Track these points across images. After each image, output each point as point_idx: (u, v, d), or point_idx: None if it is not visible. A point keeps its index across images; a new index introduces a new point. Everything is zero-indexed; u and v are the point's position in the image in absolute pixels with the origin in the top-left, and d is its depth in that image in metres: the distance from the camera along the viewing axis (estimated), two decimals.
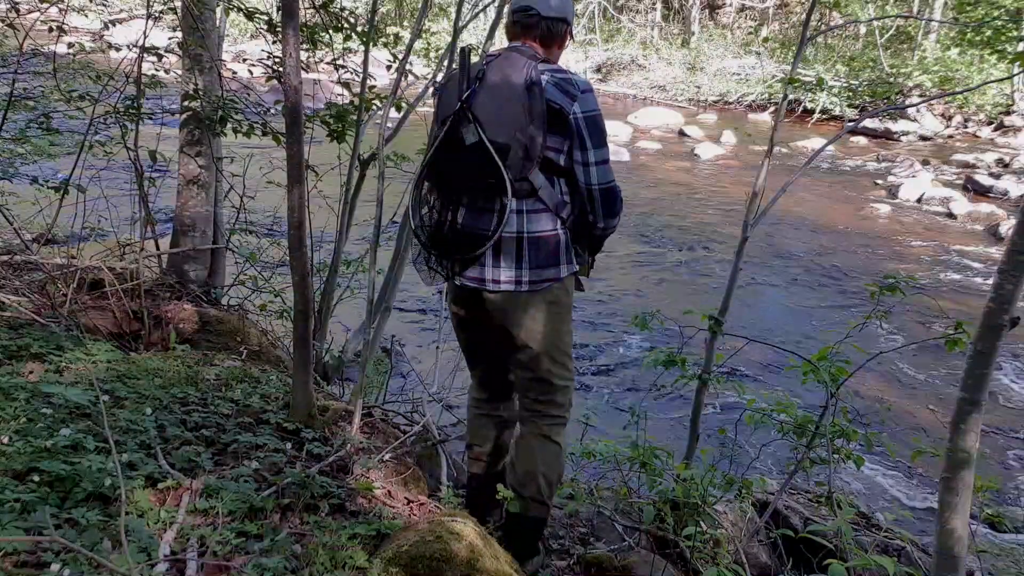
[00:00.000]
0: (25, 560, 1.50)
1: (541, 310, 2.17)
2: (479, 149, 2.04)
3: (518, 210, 2.10)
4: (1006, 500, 4.32)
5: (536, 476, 2.26)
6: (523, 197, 2.09)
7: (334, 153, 3.90)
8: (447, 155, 2.13)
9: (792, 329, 6.62)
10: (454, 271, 2.21)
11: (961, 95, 15.68)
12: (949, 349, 2.60)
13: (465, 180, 2.12)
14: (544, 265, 2.14)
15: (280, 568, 1.61)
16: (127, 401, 2.31)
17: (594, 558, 2.50)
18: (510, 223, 2.10)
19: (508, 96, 2.04)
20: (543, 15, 2.14)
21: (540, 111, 2.02)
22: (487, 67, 2.11)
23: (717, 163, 13.26)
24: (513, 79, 2.04)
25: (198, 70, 3.65)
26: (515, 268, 2.13)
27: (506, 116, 2.04)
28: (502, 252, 2.12)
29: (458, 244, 2.15)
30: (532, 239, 2.12)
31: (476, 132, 2.05)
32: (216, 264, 4.00)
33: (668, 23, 24.17)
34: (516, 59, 2.09)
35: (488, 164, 2.03)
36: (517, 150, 2.03)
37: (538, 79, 2.03)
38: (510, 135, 2.03)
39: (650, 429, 2.99)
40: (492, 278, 2.14)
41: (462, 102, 2.07)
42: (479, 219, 2.11)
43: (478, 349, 2.43)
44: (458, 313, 2.35)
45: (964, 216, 10.34)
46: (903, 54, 18.38)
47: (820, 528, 2.18)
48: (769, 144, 3.20)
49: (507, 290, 2.14)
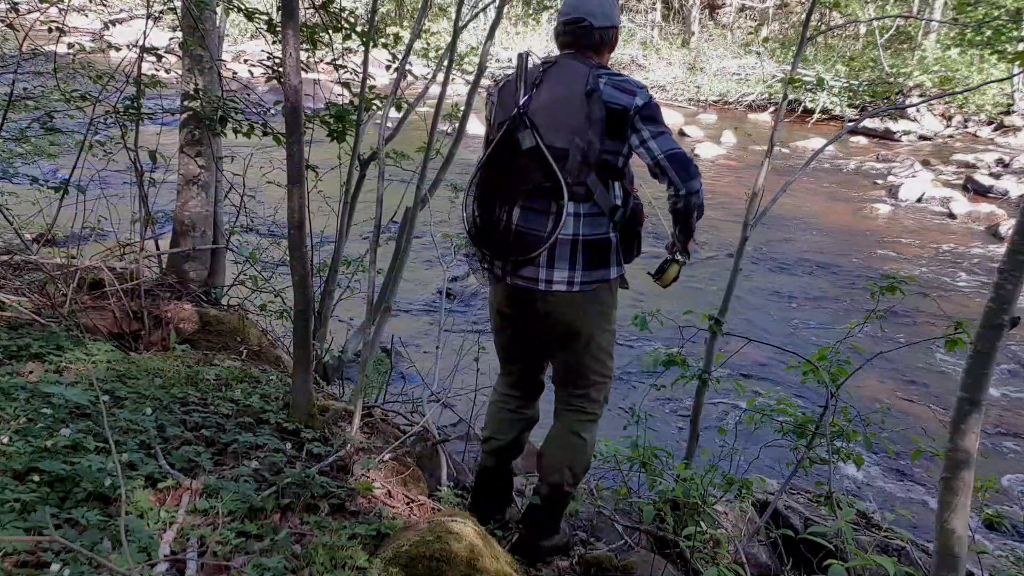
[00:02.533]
0: (25, 560, 1.50)
1: (588, 310, 2.25)
2: (536, 153, 2.11)
3: (575, 213, 2.16)
4: (1006, 500, 4.32)
5: (562, 468, 2.37)
6: (580, 200, 2.15)
7: (334, 153, 3.90)
8: (503, 158, 2.20)
9: (792, 329, 6.62)
10: (507, 271, 2.26)
11: (961, 95, 15.66)
12: (949, 349, 2.60)
13: (521, 183, 2.17)
14: (596, 267, 2.21)
15: (280, 568, 1.61)
16: (127, 401, 2.31)
17: (594, 558, 2.50)
18: (567, 226, 2.15)
19: (567, 102, 2.10)
20: (595, 26, 2.20)
21: (599, 117, 2.08)
22: (544, 74, 2.17)
23: (717, 163, 13.26)
24: (573, 86, 2.11)
25: (198, 70, 3.64)
26: (568, 269, 2.19)
27: (565, 122, 2.10)
28: (556, 254, 2.18)
29: (513, 245, 2.20)
30: (587, 242, 2.18)
31: (533, 137, 2.12)
32: (216, 264, 4.00)
33: (668, 23, 24.16)
34: (575, 67, 2.15)
35: (545, 168, 2.09)
36: (576, 155, 2.10)
37: (596, 85, 2.09)
38: (568, 140, 2.10)
39: (650, 429, 2.99)
40: (545, 278, 2.20)
41: (519, 107, 2.14)
42: (535, 221, 2.16)
43: (518, 349, 2.47)
44: (504, 312, 2.40)
45: (964, 216, 10.34)
46: (903, 54, 18.37)
47: (820, 529, 2.18)
48: (769, 144, 3.20)
49: (559, 290, 2.20)
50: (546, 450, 2.44)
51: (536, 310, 2.28)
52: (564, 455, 2.39)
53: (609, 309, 2.32)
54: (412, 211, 3.13)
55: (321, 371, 3.64)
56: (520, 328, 2.41)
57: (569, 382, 2.40)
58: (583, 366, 2.34)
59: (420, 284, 6.65)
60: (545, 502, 2.43)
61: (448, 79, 3.34)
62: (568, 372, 2.39)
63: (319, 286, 3.82)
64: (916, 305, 6.93)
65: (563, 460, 2.38)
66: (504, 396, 2.55)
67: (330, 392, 3.50)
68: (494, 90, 2.30)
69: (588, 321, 2.27)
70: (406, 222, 3.16)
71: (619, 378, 5.40)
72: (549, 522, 2.47)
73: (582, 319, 2.26)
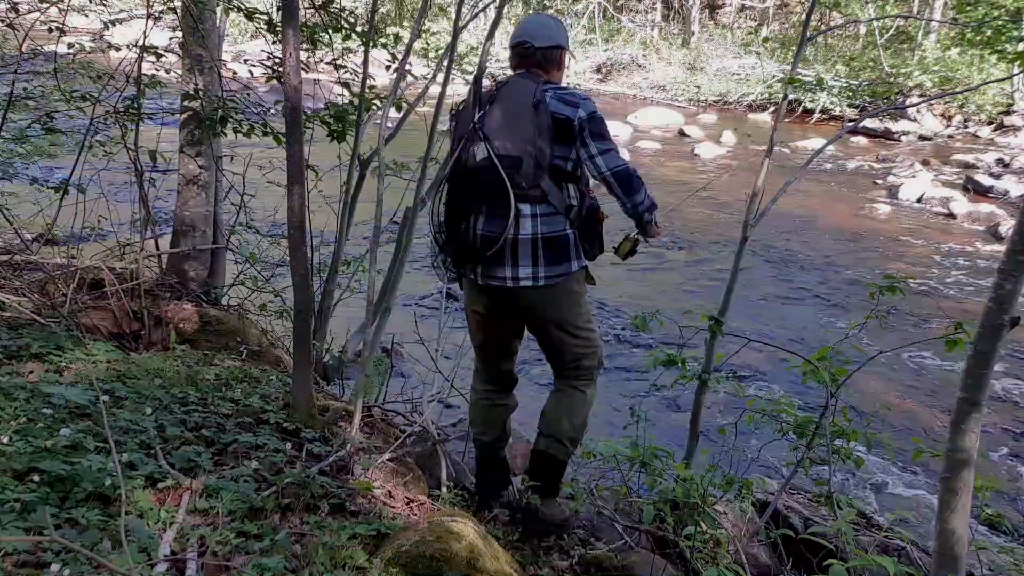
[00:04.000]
0: (25, 560, 1.50)
1: (558, 300, 2.47)
2: (488, 163, 2.31)
3: (532, 214, 2.37)
4: (1006, 500, 4.32)
5: (561, 418, 2.58)
6: (536, 202, 2.36)
7: (334, 153, 3.90)
8: (463, 170, 2.40)
9: (792, 329, 6.62)
10: (477, 273, 2.46)
11: (961, 95, 15.66)
12: (949, 349, 2.60)
13: (480, 191, 2.36)
14: (557, 262, 2.41)
15: (280, 568, 1.61)
16: (127, 401, 2.31)
17: (594, 558, 2.50)
18: (525, 226, 2.36)
19: (517, 115, 2.32)
20: (538, 47, 2.44)
21: (547, 125, 2.30)
22: (497, 92, 2.39)
23: (717, 163, 13.26)
24: (521, 100, 2.33)
25: (198, 70, 3.64)
26: (532, 266, 2.39)
27: (516, 132, 2.30)
28: (520, 252, 2.38)
29: (479, 249, 2.40)
30: (546, 239, 2.38)
31: (485, 149, 2.32)
32: (216, 264, 4.00)
33: (668, 23, 24.16)
34: (524, 83, 2.39)
35: (497, 175, 2.29)
36: (529, 161, 2.29)
37: (543, 97, 2.32)
38: (522, 148, 2.29)
39: (650, 429, 2.99)
40: (512, 275, 2.41)
41: (474, 123, 2.36)
42: (496, 224, 2.35)
43: (494, 345, 2.67)
44: (479, 311, 2.60)
45: (964, 216, 10.34)
46: (903, 54, 18.36)
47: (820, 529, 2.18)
48: (769, 144, 3.20)
49: (526, 286, 2.41)
50: (546, 408, 2.64)
51: (510, 306, 2.50)
52: (562, 406, 2.60)
53: (578, 296, 2.52)
54: (412, 211, 3.13)
55: (321, 371, 3.65)
56: (494, 325, 2.61)
57: (559, 361, 2.61)
58: (566, 345, 2.55)
59: (420, 284, 6.64)
60: (543, 458, 2.60)
61: (448, 79, 3.34)
62: (555, 353, 2.60)
63: (319, 286, 3.82)
64: (916, 305, 6.93)
65: (561, 411, 2.59)
66: (485, 392, 2.75)
67: (330, 392, 3.50)
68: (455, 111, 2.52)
69: (560, 309, 2.49)
70: (406, 222, 3.17)
71: (619, 378, 5.40)
72: (547, 481, 2.61)
73: (554, 308, 2.49)
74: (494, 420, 2.74)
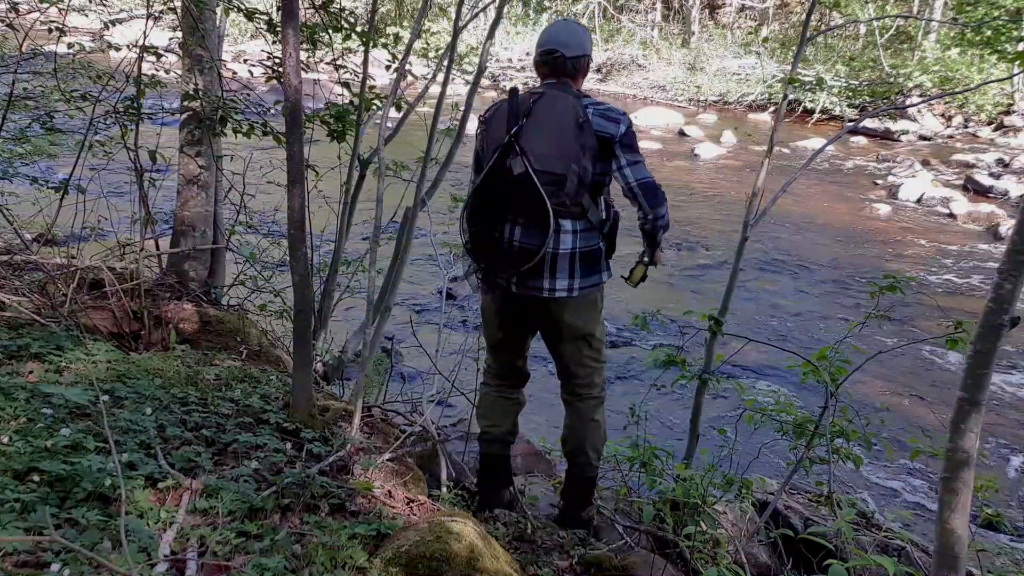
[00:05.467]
0: (25, 560, 1.50)
1: (584, 310, 2.55)
2: (527, 179, 2.33)
3: (572, 230, 2.43)
4: (1006, 500, 4.32)
5: (586, 449, 2.71)
6: (576, 218, 2.43)
7: (334, 153, 3.90)
8: (497, 182, 2.41)
9: (792, 329, 6.62)
10: (512, 282, 2.50)
11: (961, 95, 15.65)
12: (950, 347, 2.60)
13: (519, 204, 2.40)
14: (590, 274, 2.51)
15: (280, 568, 1.61)
16: (127, 401, 2.31)
17: (594, 558, 2.49)
18: (565, 241, 2.43)
19: (561, 133, 2.34)
20: (568, 56, 2.45)
21: (592, 145, 2.35)
22: (534, 105, 2.38)
23: (717, 163, 13.26)
24: (564, 117, 2.35)
25: (198, 70, 3.64)
26: (568, 278, 2.47)
27: (561, 150, 2.34)
28: (558, 266, 2.45)
29: (513, 259, 2.44)
30: (583, 253, 2.47)
31: (523, 164, 2.33)
32: (216, 264, 4.00)
33: (668, 23, 24.15)
34: (562, 98, 2.39)
35: (535, 193, 2.32)
36: (572, 179, 2.34)
37: (586, 116, 2.35)
38: (565, 166, 2.34)
39: (650, 429, 3.00)
40: (549, 287, 2.47)
41: (511, 135, 2.35)
42: (535, 237, 2.39)
43: (511, 343, 2.73)
44: (502, 314, 2.66)
45: (964, 216, 10.34)
46: (903, 54, 18.36)
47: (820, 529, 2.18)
48: (769, 144, 3.20)
49: (561, 296, 2.49)
50: (568, 438, 2.74)
51: (538, 313, 2.57)
52: (585, 440, 2.70)
53: (601, 307, 2.64)
54: (412, 211, 3.13)
55: (321, 371, 3.65)
56: (516, 328, 2.69)
57: (573, 375, 2.67)
58: (584, 357, 2.63)
59: (420, 284, 6.65)
60: (576, 481, 2.77)
61: (448, 79, 3.34)
62: (571, 365, 2.65)
63: (319, 286, 3.82)
64: (916, 305, 6.93)
65: (585, 444, 2.70)
66: (497, 386, 2.80)
67: (330, 392, 3.50)
68: (484, 119, 2.53)
69: (587, 319, 2.57)
70: (406, 222, 3.17)
71: (619, 378, 5.40)
72: (583, 496, 2.79)
73: (582, 319, 2.56)
74: (505, 413, 2.79)
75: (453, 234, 4.57)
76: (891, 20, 17.68)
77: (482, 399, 2.84)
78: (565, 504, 2.82)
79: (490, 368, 2.83)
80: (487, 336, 2.77)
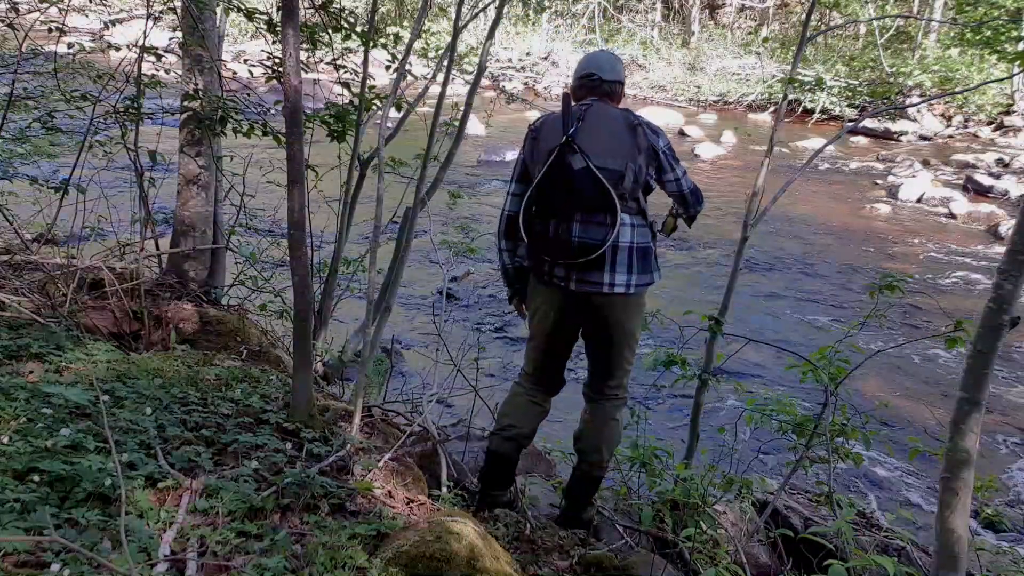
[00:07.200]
0: (25, 560, 1.50)
1: (633, 309, 2.62)
2: (587, 173, 2.44)
3: (630, 224, 2.53)
4: (1006, 500, 4.32)
5: (601, 448, 2.72)
6: (633, 213, 2.54)
7: (334, 153, 3.89)
8: (556, 180, 2.49)
9: (792, 329, 6.62)
10: (570, 278, 2.54)
11: (961, 95, 15.65)
12: (950, 347, 2.61)
13: (579, 199, 2.47)
14: (645, 271, 2.58)
15: (280, 568, 1.61)
16: (127, 401, 2.31)
17: (594, 558, 2.50)
18: (625, 235, 2.51)
19: (615, 134, 2.50)
20: (604, 79, 2.62)
21: (646, 146, 2.50)
22: (586, 112, 2.54)
23: (717, 163, 13.26)
24: (616, 122, 2.52)
25: (198, 70, 3.64)
26: (627, 273, 2.53)
27: (618, 149, 2.48)
28: (618, 259, 2.52)
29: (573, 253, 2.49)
30: (639, 249, 2.55)
31: (583, 159, 2.45)
32: (216, 264, 3.99)
33: (668, 23, 24.15)
34: (610, 108, 2.58)
35: (598, 186, 2.43)
36: (629, 175, 2.47)
37: (639, 122, 2.53)
38: (623, 164, 2.47)
39: (650, 429, 3.00)
40: (608, 282, 2.52)
41: (568, 136, 2.46)
42: (595, 232, 2.47)
43: (558, 349, 2.74)
44: (556, 317, 2.66)
45: (964, 216, 10.34)
46: (903, 54, 18.36)
47: (820, 529, 2.18)
48: (769, 144, 3.20)
49: (619, 292, 2.53)
50: (585, 434, 2.74)
51: (592, 312, 2.60)
52: (603, 438, 2.72)
53: (643, 310, 2.71)
54: (412, 211, 3.13)
55: (321, 371, 3.64)
56: (566, 331, 2.70)
57: (608, 375, 2.70)
58: (622, 358, 2.68)
59: (420, 284, 6.64)
60: (584, 478, 2.77)
61: (448, 79, 3.34)
62: (609, 365, 2.69)
63: (319, 286, 3.82)
64: (916, 305, 6.93)
65: (602, 442, 2.72)
66: (531, 390, 2.80)
67: (330, 392, 3.50)
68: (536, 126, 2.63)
69: (633, 319, 2.64)
70: (406, 222, 3.17)
71: None
72: (586, 496, 2.81)
73: (630, 318, 2.62)
74: (530, 418, 2.79)
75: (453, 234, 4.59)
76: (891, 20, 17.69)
77: (511, 398, 2.82)
78: (568, 503, 2.82)
79: (527, 374, 2.82)
80: (536, 339, 2.76)
